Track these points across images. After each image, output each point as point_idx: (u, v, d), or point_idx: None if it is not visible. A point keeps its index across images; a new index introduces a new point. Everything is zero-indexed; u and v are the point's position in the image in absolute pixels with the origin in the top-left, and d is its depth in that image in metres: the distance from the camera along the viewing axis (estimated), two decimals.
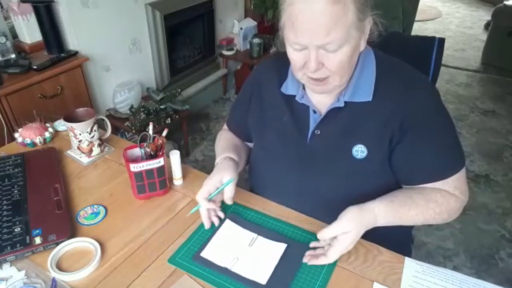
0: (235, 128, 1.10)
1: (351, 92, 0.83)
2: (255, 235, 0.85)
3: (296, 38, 0.74)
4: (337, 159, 0.86)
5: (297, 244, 0.83)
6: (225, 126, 1.15)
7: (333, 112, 0.85)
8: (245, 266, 0.78)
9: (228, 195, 0.88)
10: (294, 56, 0.78)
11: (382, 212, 0.80)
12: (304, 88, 0.90)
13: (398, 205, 0.82)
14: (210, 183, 0.87)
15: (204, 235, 0.86)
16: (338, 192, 0.88)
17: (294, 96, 0.90)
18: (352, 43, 0.74)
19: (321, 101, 0.88)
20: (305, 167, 0.89)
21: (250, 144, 1.08)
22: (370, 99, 0.83)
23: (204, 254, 0.81)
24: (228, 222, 0.88)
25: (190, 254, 0.81)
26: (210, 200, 0.86)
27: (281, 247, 0.82)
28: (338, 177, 0.87)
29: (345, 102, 0.84)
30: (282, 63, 0.94)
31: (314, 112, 0.88)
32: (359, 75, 0.83)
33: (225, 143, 1.05)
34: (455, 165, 0.85)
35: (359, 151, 0.84)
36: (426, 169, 0.85)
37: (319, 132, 0.87)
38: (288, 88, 0.91)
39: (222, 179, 0.88)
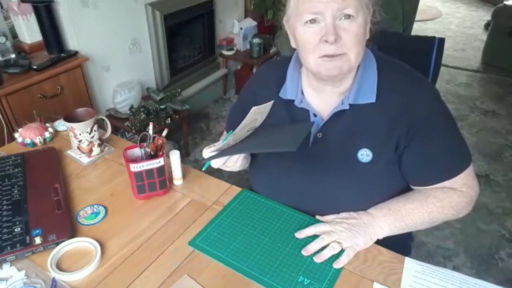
0: None
1: (355, 93, 0.83)
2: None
3: (312, 7, 0.73)
4: (341, 163, 0.86)
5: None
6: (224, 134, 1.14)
7: (336, 115, 0.85)
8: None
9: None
10: (308, 34, 0.77)
11: (377, 211, 0.84)
12: (302, 92, 0.89)
13: (390, 202, 0.86)
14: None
15: (223, 221, 0.88)
16: (343, 195, 0.87)
17: (293, 101, 0.89)
18: (364, 17, 0.75)
19: (323, 103, 0.88)
20: (308, 171, 0.88)
21: None
22: (373, 100, 0.82)
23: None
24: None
25: (209, 238, 0.84)
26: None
27: (269, 103, 0.81)
28: (343, 181, 0.86)
29: (350, 105, 0.83)
30: (280, 68, 0.93)
31: (315, 115, 0.87)
32: (361, 75, 0.83)
33: None
34: (464, 163, 0.86)
35: (364, 155, 0.83)
36: (436, 170, 0.85)
37: (321, 136, 0.87)
38: (287, 92, 0.90)
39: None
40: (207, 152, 0.86)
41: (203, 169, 0.88)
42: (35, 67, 1.72)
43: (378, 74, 0.84)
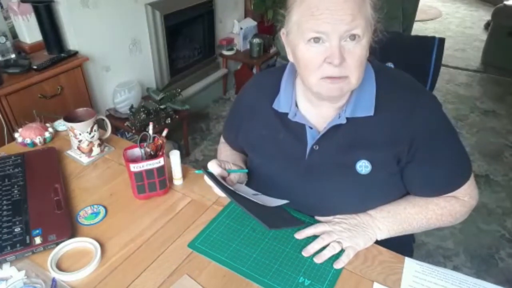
0: (233, 144, 1.08)
1: (352, 107, 0.80)
2: (258, 192, 0.92)
3: (318, 26, 0.70)
4: (340, 175, 0.84)
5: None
6: (222, 139, 1.14)
7: (333, 128, 0.82)
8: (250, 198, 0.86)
9: (233, 177, 0.92)
10: (311, 53, 0.73)
11: (376, 213, 0.85)
12: (297, 105, 0.86)
13: (390, 205, 0.86)
14: (225, 161, 0.92)
15: (223, 222, 0.89)
16: (341, 205, 0.87)
17: (287, 114, 0.86)
18: (367, 38, 0.73)
19: (319, 116, 0.85)
20: (306, 184, 0.87)
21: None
22: (372, 113, 0.79)
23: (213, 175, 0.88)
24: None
25: (209, 239, 0.84)
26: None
27: (282, 201, 0.89)
28: (342, 192, 0.85)
29: (347, 118, 0.80)
30: (273, 77, 0.91)
31: (310, 128, 0.85)
32: (359, 89, 0.80)
33: (229, 154, 1.07)
34: (466, 174, 0.85)
35: (363, 166, 0.81)
36: (439, 184, 0.85)
37: (317, 148, 0.84)
38: (280, 105, 0.87)
39: (233, 165, 0.93)
40: (213, 166, 0.88)
41: (195, 171, 0.92)
42: (35, 67, 1.72)
43: (376, 86, 0.81)
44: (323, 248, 0.80)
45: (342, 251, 0.80)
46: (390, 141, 0.80)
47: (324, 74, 0.74)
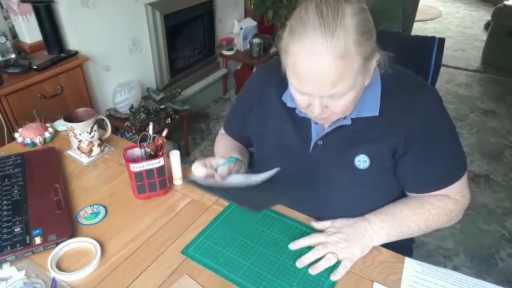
0: (235, 135, 1.08)
1: (358, 109, 0.81)
2: (251, 174, 0.90)
3: (300, 87, 0.72)
4: (339, 169, 0.85)
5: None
6: (222, 131, 1.13)
7: (338, 126, 0.84)
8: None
9: (221, 171, 0.87)
10: (297, 97, 0.76)
11: (374, 217, 0.84)
12: None
13: (387, 208, 0.86)
14: (209, 158, 0.91)
15: (217, 229, 0.87)
16: (340, 200, 0.87)
17: (295, 108, 0.87)
18: (358, 87, 0.73)
19: None
20: (307, 176, 0.88)
21: (251, 149, 1.08)
22: (376, 113, 0.81)
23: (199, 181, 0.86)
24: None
25: (202, 246, 0.83)
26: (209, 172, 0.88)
27: (272, 171, 0.88)
28: (341, 186, 0.86)
29: (352, 119, 0.82)
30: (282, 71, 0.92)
31: (316, 123, 0.86)
32: (365, 91, 0.80)
33: (228, 144, 1.06)
34: (459, 172, 0.85)
35: (362, 161, 0.83)
36: (432, 178, 0.85)
37: (321, 143, 0.86)
38: (288, 99, 0.88)
39: (220, 158, 0.90)
40: (198, 169, 0.86)
41: (186, 180, 0.90)
42: (35, 67, 1.72)
43: (381, 86, 0.82)
44: (319, 259, 0.78)
45: (338, 262, 0.78)
46: (388, 134, 0.81)
47: (310, 115, 0.79)
